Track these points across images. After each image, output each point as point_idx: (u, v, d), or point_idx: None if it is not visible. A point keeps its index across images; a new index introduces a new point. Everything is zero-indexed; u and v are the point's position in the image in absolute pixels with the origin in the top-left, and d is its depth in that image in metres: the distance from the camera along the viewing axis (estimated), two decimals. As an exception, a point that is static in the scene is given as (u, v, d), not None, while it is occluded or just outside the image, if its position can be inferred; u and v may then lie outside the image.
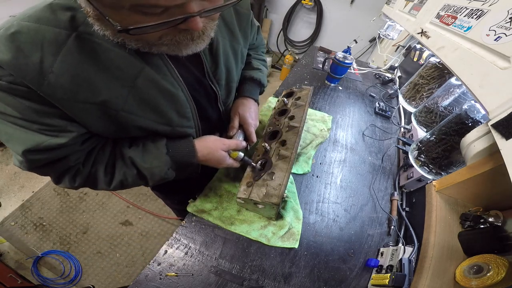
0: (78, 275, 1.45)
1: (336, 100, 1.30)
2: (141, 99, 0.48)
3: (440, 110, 0.88)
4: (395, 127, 1.20)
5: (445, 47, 0.70)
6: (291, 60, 3.24)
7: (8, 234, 1.57)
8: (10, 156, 2.00)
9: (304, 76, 1.45)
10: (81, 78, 0.41)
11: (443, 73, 0.98)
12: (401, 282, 0.55)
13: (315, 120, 1.09)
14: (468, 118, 0.65)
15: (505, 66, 0.46)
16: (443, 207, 0.65)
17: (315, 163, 0.92)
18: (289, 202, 0.75)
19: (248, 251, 0.65)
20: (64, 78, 0.39)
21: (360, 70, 1.67)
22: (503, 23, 0.49)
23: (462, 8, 0.68)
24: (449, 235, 0.61)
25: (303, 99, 0.89)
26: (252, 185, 0.64)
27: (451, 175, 0.64)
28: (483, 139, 0.51)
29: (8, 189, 1.81)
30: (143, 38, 0.39)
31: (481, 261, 0.51)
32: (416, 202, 0.81)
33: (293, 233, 0.69)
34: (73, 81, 0.40)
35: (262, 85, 0.82)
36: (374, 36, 2.81)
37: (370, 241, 0.73)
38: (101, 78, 0.42)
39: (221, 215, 0.70)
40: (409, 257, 0.60)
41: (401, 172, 0.93)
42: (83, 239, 1.59)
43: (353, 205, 0.81)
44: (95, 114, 0.45)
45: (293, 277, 0.62)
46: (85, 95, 0.42)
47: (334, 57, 1.31)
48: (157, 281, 0.58)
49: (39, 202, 1.74)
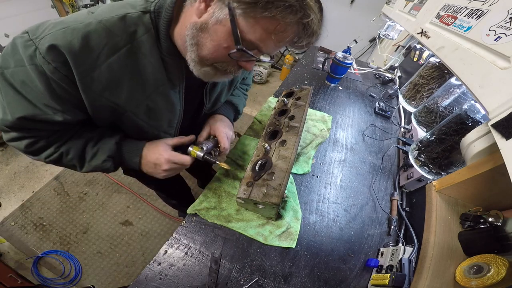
0: (78, 275, 1.45)
1: (336, 100, 1.30)
2: (150, 107, 0.56)
3: (440, 110, 0.88)
4: (395, 127, 1.20)
5: (445, 47, 0.70)
6: (291, 60, 3.24)
7: (8, 234, 1.57)
8: (10, 156, 2.00)
9: (304, 76, 1.45)
10: (115, 79, 0.48)
11: (443, 73, 0.98)
12: (401, 282, 0.55)
13: (315, 120, 1.09)
14: (468, 118, 0.65)
15: (505, 66, 0.45)
16: (443, 207, 0.65)
17: (315, 163, 0.92)
18: (289, 202, 0.74)
19: (248, 251, 0.65)
20: (104, 76, 0.46)
21: (360, 70, 1.67)
22: (503, 23, 0.49)
23: (462, 8, 0.68)
24: (449, 235, 0.61)
25: (303, 99, 0.89)
26: (252, 185, 0.64)
27: (451, 175, 0.64)
28: (483, 139, 0.51)
29: (8, 189, 1.81)
30: (216, 58, 0.48)
31: (481, 261, 0.51)
32: (416, 202, 0.80)
33: (291, 232, 0.69)
34: (109, 79, 0.47)
35: (238, 111, 0.87)
36: (374, 36, 2.80)
37: (370, 241, 0.73)
38: (129, 84, 0.50)
39: (219, 214, 0.70)
40: (409, 257, 0.60)
41: (401, 172, 0.93)
42: (83, 239, 1.59)
43: (353, 205, 0.81)
44: (108, 109, 0.51)
45: (293, 277, 0.62)
46: (110, 93, 0.49)
47: (334, 57, 1.31)
48: (157, 281, 0.58)
49: (39, 202, 1.74)
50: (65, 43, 0.41)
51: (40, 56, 0.41)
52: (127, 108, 0.53)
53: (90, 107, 0.50)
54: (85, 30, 0.42)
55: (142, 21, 0.47)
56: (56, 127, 0.52)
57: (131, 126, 0.58)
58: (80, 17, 0.44)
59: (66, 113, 0.49)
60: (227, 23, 0.42)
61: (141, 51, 0.48)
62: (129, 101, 0.52)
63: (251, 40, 0.43)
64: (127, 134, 0.62)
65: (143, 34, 0.47)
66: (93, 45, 0.43)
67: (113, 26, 0.45)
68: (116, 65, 0.46)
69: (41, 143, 0.53)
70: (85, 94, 0.47)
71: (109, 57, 0.45)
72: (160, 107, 0.57)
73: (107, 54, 0.45)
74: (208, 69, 0.50)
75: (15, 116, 0.45)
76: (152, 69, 0.51)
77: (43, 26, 0.43)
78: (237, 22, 0.41)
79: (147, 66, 0.50)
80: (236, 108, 0.85)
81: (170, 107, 0.59)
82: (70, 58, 0.41)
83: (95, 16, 0.45)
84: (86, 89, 0.46)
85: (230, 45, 0.44)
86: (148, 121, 0.58)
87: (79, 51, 0.42)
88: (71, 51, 0.41)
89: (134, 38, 0.47)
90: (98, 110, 0.51)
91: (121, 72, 0.48)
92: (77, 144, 0.56)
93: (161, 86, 0.54)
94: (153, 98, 0.55)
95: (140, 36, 0.47)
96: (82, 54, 0.42)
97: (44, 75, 0.42)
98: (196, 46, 0.46)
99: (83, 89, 0.46)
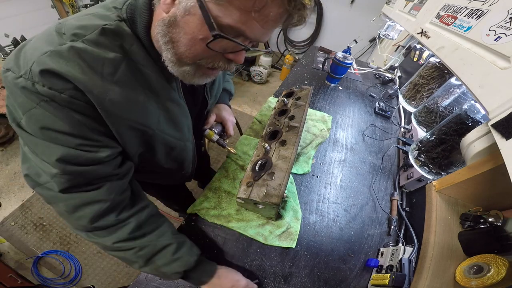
0: (78, 275, 1.45)
1: (336, 100, 1.30)
2: (168, 117, 0.54)
3: (440, 110, 0.88)
4: (395, 127, 1.20)
5: (445, 47, 0.70)
6: (291, 60, 3.24)
7: (8, 234, 1.57)
8: (10, 156, 2.00)
9: (304, 76, 1.45)
10: (131, 97, 0.45)
11: (443, 73, 0.98)
12: (401, 282, 0.55)
13: (315, 120, 1.09)
14: (468, 118, 0.65)
15: (505, 66, 0.45)
16: (443, 207, 0.65)
17: (315, 163, 0.92)
18: (289, 202, 0.74)
19: (248, 251, 0.65)
20: (120, 95, 0.43)
21: (360, 70, 1.67)
22: (503, 23, 0.49)
23: (462, 8, 0.68)
24: (449, 235, 0.61)
25: (303, 99, 0.89)
26: (252, 185, 0.64)
27: (451, 175, 0.64)
28: (483, 139, 0.51)
29: (8, 189, 1.81)
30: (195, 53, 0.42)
31: (481, 261, 0.51)
32: (416, 202, 0.80)
33: (291, 232, 0.69)
34: (126, 98, 0.43)
35: (231, 94, 0.95)
36: (374, 36, 2.80)
37: (370, 241, 0.73)
38: (144, 99, 0.47)
39: (219, 214, 0.70)
40: (409, 257, 0.60)
41: (401, 172, 0.93)
42: (83, 239, 1.59)
43: (353, 205, 0.81)
44: (136, 133, 0.49)
45: (293, 277, 0.62)
46: (134, 114, 0.46)
47: (334, 57, 1.31)
48: (157, 281, 0.58)
49: (39, 202, 1.74)
50: (62, 69, 0.36)
51: (45, 89, 0.36)
52: (153, 125, 0.50)
53: (118, 133, 0.46)
54: (75, 51, 0.37)
55: (123, 31, 0.43)
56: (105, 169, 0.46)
57: (160, 147, 0.56)
58: (53, 39, 0.38)
59: (107, 146, 0.45)
60: (196, 10, 0.37)
61: (139, 62, 0.45)
62: (151, 117, 0.49)
63: (229, 25, 0.37)
64: (158, 160, 0.60)
65: (131, 45, 0.43)
66: (92, 65, 0.39)
67: (98, 43, 0.40)
68: (124, 81, 0.43)
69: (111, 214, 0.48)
70: (110, 120, 0.43)
71: (114, 75, 0.41)
72: (176, 114, 0.55)
73: (110, 71, 0.41)
74: (187, 68, 0.45)
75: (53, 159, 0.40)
76: (156, 77, 0.48)
77: (20, 56, 0.37)
78: (207, 8, 0.36)
79: (151, 76, 0.47)
80: (230, 92, 0.93)
81: (183, 112, 0.58)
82: (78, 83, 0.37)
83: (68, 35, 0.39)
84: (109, 115, 0.42)
85: (206, 35, 0.38)
86: (173, 134, 0.57)
87: (82, 73, 0.38)
88: (75, 77, 0.37)
89: (125, 51, 0.43)
90: (126, 137, 0.48)
91: (133, 87, 0.45)
92: (157, 240, 0.52)
93: (169, 93, 0.52)
94: (168, 107, 0.52)
95: (129, 48, 0.43)
96: (86, 76, 0.38)
97: (62, 110, 0.38)
98: (170, 44, 0.42)
99: (106, 116, 0.42)
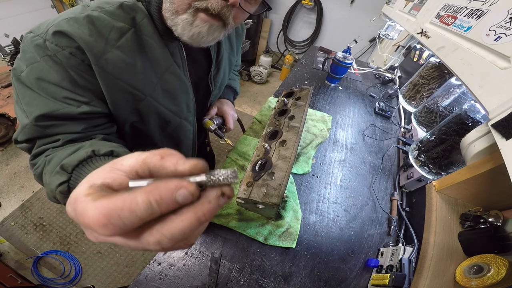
0: (78, 275, 1.45)
1: (336, 100, 1.30)
2: (165, 89, 0.57)
3: (440, 110, 0.88)
4: (395, 127, 1.20)
5: (445, 47, 0.70)
6: (291, 60, 3.24)
7: (8, 234, 1.57)
8: (10, 156, 2.00)
9: (304, 76, 1.45)
10: (129, 60, 0.49)
11: (443, 73, 0.98)
12: (401, 282, 0.55)
13: (315, 120, 1.09)
14: (468, 118, 0.65)
15: (505, 66, 0.45)
16: (443, 207, 0.65)
17: (315, 163, 0.92)
18: (289, 202, 0.74)
19: (248, 251, 0.65)
20: (118, 58, 0.47)
21: (360, 70, 1.67)
22: (503, 23, 0.49)
23: (462, 8, 0.68)
24: (449, 235, 0.61)
25: (303, 99, 0.89)
26: (252, 185, 0.64)
27: (451, 175, 0.64)
28: (483, 139, 0.51)
29: (8, 189, 1.81)
30: None
31: (481, 261, 0.51)
32: (416, 202, 0.81)
33: (291, 232, 0.69)
34: (123, 61, 0.48)
35: (236, 93, 0.99)
36: (374, 36, 2.81)
37: (370, 241, 0.73)
38: (142, 66, 0.51)
39: (219, 214, 0.70)
40: (409, 257, 0.60)
41: (401, 172, 0.93)
42: (83, 239, 1.59)
43: (353, 205, 0.81)
44: (127, 96, 0.52)
45: (293, 277, 0.62)
46: (128, 76, 0.50)
47: (334, 57, 1.31)
48: (157, 281, 0.58)
49: (39, 202, 1.74)
50: (73, 30, 0.42)
51: (52, 45, 0.42)
52: (146, 91, 0.53)
53: (108, 94, 0.49)
54: (89, 18, 0.44)
55: (138, 7, 0.50)
56: (77, 127, 0.47)
57: (153, 117, 0.58)
58: (78, 10, 0.46)
59: (88, 104, 0.47)
60: None
61: (145, 33, 0.50)
62: (146, 84, 0.53)
63: None
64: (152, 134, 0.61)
65: (142, 19, 0.50)
66: (100, 29, 0.45)
67: (114, 13, 0.47)
68: (126, 47, 0.48)
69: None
70: (102, 78, 0.47)
71: (118, 40, 0.47)
72: (175, 87, 0.58)
73: (115, 37, 0.47)
74: (184, 16, 0.46)
75: (33, 116, 0.43)
76: (159, 50, 0.53)
77: (44, 23, 0.44)
78: None
79: (154, 47, 0.52)
80: (235, 90, 0.96)
81: (183, 87, 0.60)
82: (82, 43, 0.43)
83: (92, 7, 0.47)
84: (102, 72, 0.46)
85: None
86: (169, 106, 0.59)
87: (89, 35, 0.44)
88: (82, 37, 0.43)
89: (135, 23, 0.49)
90: (116, 98, 0.50)
91: (133, 54, 0.49)
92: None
93: (170, 66, 0.56)
94: (166, 79, 0.56)
95: (140, 21, 0.50)
96: (92, 37, 0.44)
97: (59, 65, 0.43)
98: None
99: (99, 72, 0.46)
